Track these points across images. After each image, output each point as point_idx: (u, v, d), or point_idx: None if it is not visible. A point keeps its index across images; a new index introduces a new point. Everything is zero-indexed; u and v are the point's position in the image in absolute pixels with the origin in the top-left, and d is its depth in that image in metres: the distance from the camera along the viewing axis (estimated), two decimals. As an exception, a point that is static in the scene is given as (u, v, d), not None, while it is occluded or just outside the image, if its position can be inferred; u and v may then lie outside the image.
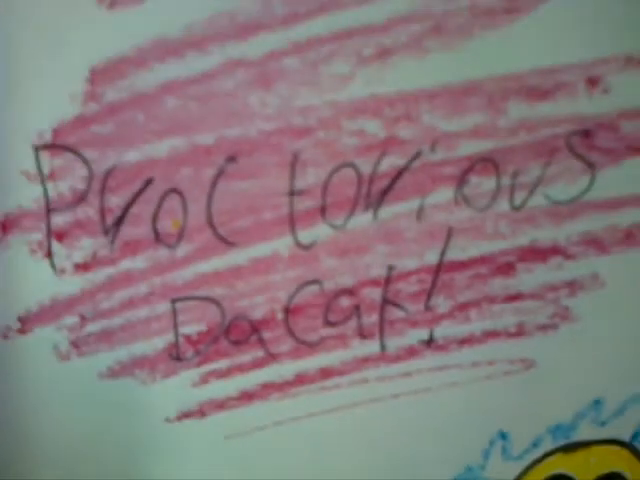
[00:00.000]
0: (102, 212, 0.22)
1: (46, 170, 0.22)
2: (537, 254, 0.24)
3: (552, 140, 0.22)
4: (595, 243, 0.24)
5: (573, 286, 0.24)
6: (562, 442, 0.27)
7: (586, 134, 0.22)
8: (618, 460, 0.28)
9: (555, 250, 0.24)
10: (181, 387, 0.25)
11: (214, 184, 0.22)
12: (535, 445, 0.27)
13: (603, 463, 0.28)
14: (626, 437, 0.27)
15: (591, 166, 0.23)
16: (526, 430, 0.27)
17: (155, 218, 0.23)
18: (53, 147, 0.21)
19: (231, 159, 0.22)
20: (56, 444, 0.25)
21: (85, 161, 0.22)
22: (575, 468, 0.28)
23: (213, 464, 0.26)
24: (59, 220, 0.22)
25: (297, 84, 0.21)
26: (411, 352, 0.25)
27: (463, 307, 0.25)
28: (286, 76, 0.21)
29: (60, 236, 0.23)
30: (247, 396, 0.25)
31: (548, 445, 0.27)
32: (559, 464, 0.28)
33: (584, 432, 0.27)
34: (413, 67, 0.22)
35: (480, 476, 0.28)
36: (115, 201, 0.22)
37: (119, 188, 0.22)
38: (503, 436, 0.27)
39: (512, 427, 0.27)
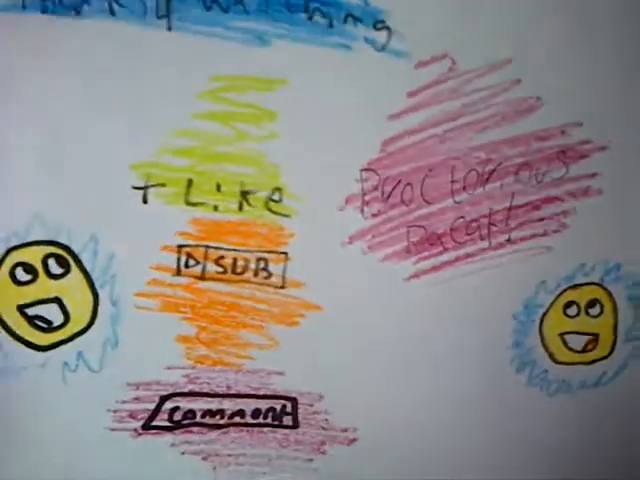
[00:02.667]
0: (382, 194, 0.61)
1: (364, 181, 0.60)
2: None
3: None
4: None
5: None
6: (570, 284, 0.64)
7: None
8: (596, 292, 0.64)
9: None
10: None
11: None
12: (558, 286, 0.64)
13: (589, 294, 0.64)
14: (597, 280, 0.64)
15: None
16: (553, 281, 0.64)
17: (402, 193, 0.61)
18: (368, 170, 0.60)
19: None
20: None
21: (378, 174, 0.60)
22: (577, 297, 0.64)
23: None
24: (368, 197, 0.61)
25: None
26: (502, 244, 0.63)
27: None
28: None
29: (367, 203, 0.61)
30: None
31: (563, 285, 0.64)
32: (569, 296, 0.64)
33: (579, 279, 0.64)
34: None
35: (534, 302, 0.64)
36: (387, 189, 0.60)
37: (388, 184, 0.60)
38: (543, 282, 0.64)
39: (547, 278, 0.64)
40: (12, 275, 0.58)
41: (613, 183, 0.63)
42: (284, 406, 0.65)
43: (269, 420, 0.65)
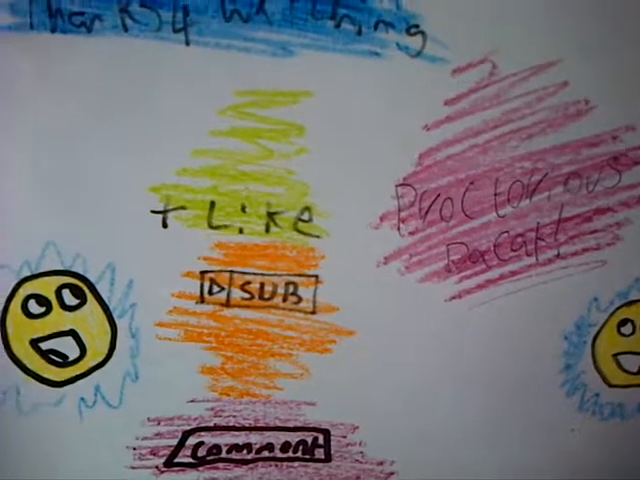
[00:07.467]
0: (420, 210, 0.64)
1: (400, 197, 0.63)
2: None
3: None
4: None
5: (618, 225, 0.65)
6: (624, 301, 0.67)
7: None
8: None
9: None
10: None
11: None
12: (611, 303, 0.67)
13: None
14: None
15: None
16: (606, 297, 0.67)
17: (441, 209, 0.64)
18: (404, 185, 0.63)
19: (471, 183, 0.64)
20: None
21: (415, 189, 0.63)
22: (633, 314, 0.68)
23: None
24: (404, 214, 0.64)
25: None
26: (550, 260, 0.66)
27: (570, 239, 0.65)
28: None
29: (404, 220, 0.64)
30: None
31: (617, 302, 0.67)
32: (624, 313, 0.68)
33: (634, 295, 0.67)
34: None
35: (586, 321, 0.68)
36: (425, 204, 0.64)
37: (426, 199, 0.64)
38: (595, 299, 0.67)
39: (600, 295, 0.67)
40: (24, 308, 0.62)
41: (670, 191, 0.66)
42: (316, 438, 0.69)
43: (300, 454, 0.69)
